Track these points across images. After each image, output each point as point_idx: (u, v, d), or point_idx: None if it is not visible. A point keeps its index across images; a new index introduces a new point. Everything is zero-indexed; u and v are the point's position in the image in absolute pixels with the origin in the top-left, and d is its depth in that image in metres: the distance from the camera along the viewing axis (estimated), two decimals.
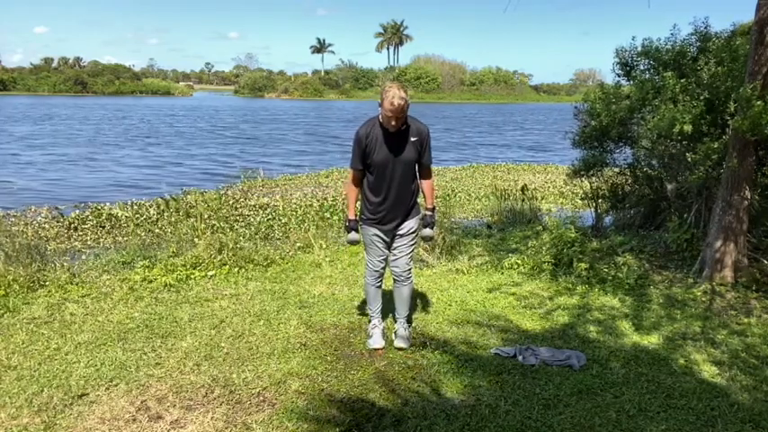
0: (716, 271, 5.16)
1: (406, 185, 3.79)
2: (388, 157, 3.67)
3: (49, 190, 13.21)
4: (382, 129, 3.64)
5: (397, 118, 3.52)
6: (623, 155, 7.10)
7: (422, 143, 3.73)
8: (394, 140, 3.65)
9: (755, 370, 3.66)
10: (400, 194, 3.79)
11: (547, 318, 4.53)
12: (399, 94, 3.46)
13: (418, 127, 3.72)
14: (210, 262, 5.61)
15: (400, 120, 3.55)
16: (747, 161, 4.95)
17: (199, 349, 3.83)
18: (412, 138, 3.69)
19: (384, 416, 3.05)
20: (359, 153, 3.72)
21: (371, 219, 3.84)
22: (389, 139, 3.65)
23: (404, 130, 3.66)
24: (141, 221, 8.50)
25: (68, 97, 70.20)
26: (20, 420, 2.97)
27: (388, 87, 3.52)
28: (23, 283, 4.90)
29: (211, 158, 19.94)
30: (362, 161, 3.73)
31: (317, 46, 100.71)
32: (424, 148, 3.75)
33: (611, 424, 3.03)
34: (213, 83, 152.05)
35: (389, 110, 3.48)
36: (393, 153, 3.67)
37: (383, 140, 3.65)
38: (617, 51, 6.77)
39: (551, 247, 5.69)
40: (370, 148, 3.68)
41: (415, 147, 3.71)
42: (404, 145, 3.68)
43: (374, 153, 3.68)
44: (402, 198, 3.81)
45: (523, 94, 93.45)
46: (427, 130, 3.77)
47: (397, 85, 3.55)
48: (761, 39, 4.69)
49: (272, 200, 10.67)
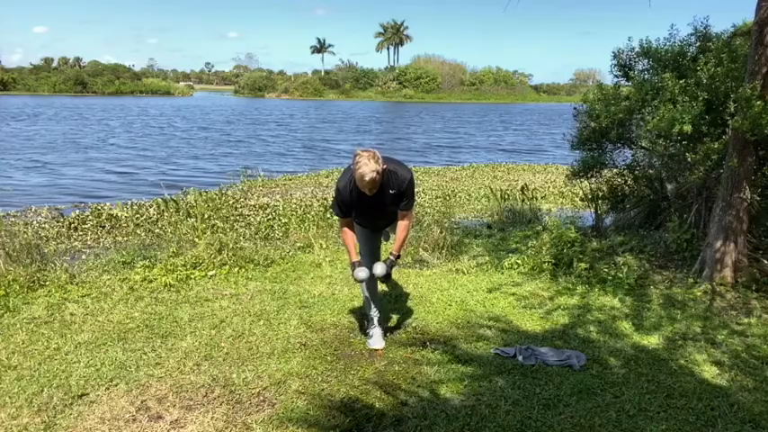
0: (716, 271, 5.16)
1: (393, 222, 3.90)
2: (369, 211, 3.69)
3: (42, 189, 13.16)
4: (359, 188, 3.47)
5: (370, 189, 3.40)
6: (622, 156, 7.10)
7: (402, 193, 3.58)
8: (373, 198, 3.53)
9: (756, 370, 3.67)
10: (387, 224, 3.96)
11: (547, 318, 4.53)
12: (370, 168, 3.27)
13: (398, 177, 3.53)
14: (210, 262, 5.61)
15: (374, 189, 3.42)
16: (747, 161, 4.95)
17: (199, 349, 3.83)
18: (391, 191, 3.54)
19: (384, 416, 3.05)
20: (341, 205, 3.63)
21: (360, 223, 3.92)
22: (368, 198, 3.52)
23: (381, 188, 3.49)
24: (141, 221, 8.49)
25: (68, 97, 70.18)
26: (20, 420, 2.97)
27: (358, 160, 3.30)
28: (23, 283, 4.90)
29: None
30: (348, 211, 3.67)
31: (316, 46, 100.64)
32: (403, 196, 3.60)
33: (611, 424, 3.03)
34: (213, 83, 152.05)
35: (360, 184, 3.37)
36: (373, 209, 3.66)
37: (362, 198, 3.53)
38: (615, 53, 6.76)
39: (551, 248, 5.70)
40: (350, 203, 3.59)
41: (396, 197, 3.59)
42: (383, 200, 3.57)
43: (355, 207, 3.63)
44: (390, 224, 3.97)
45: (523, 94, 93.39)
46: (408, 177, 3.57)
47: (367, 154, 3.31)
48: (761, 39, 4.69)
49: (272, 200, 10.68)
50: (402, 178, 3.54)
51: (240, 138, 26.96)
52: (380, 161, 3.36)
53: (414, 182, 3.65)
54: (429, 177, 14.42)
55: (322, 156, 21.10)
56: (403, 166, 3.61)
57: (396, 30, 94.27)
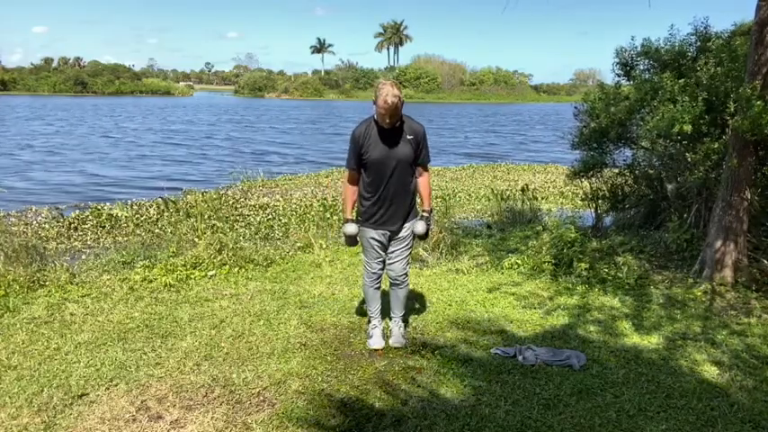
0: (716, 271, 5.16)
1: (404, 185, 3.75)
2: (383, 154, 3.66)
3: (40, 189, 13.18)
4: (378, 126, 3.63)
5: (392, 115, 3.51)
6: (622, 155, 7.11)
7: (418, 142, 3.71)
8: (389, 138, 3.64)
9: (755, 370, 3.67)
10: (397, 194, 3.74)
11: (547, 318, 4.53)
12: (393, 92, 3.44)
13: (413, 126, 3.71)
14: (210, 262, 5.61)
15: (395, 117, 3.54)
16: (747, 161, 4.95)
17: (199, 349, 3.83)
18: (408, 136, 3.67)
19: (384, 416, 3.05)
20: (355, 152, 3.71)
21: (369, 221, 3.83)
22: (385, 137, 3.64)
23: (399, 128, 3.64)
24: (141, 221, 8.51)
25: (68, 97, 70.16)
26: (20, 420, 2.97)
27: (381, 85, 3.51)
28: (23, 283, 4.90)
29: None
30: (358, 160, 3.72)
31: (316, 46, 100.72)
32: (420, 147, 3.73)
33: (611, 424, 3.02)
34: (213, 83, 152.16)
35: (383, 107, 3.47)
36: (389, 150, 3.66)
37: (379, 138, 3.64)
38: (617, 51, 6.77)
39: (551, 247, 5.70)
40: (366, 146, 3.66)
41: (411, 145, 3.69)
42: (399, 142, 3.67)
43: (370, 151, 3.66)
44: (399, 198, 3.76)
45: (523, 94, 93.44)
46: (423, 129, 3.76)
47: (390, 82, 3.53)
48: (761, 39, 4.69)
49: (272, 200, 10.68)
50: (417, 128, 3.72)
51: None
52: (401, 90, 3.53)
53: (427, 137, 3.81)
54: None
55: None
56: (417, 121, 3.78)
57: (395, 30, 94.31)
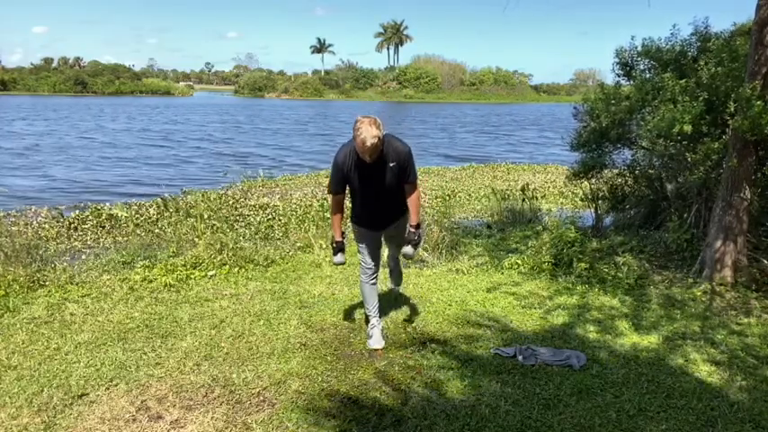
0: (716, 271, 5.16)
1: (393, 200, 3.73)
2: (367, 183, 3.59)
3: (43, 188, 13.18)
4: (359, 157, 3.45)
5: (371, 154, 3.36)
6: (622, 156, 7.10)
7: (401, 166, 3.55)
8: (372, 169, 3.50)
9: (755, 370, 3.67)
10: (387, 207, 3.76)
11: (547, 318, 4.53)
12: (372, 133, 3.26)
13: (396, 149, 3.52)
14: (210, 262, 5.61)
15: (374, 155, 3.38)
16: (747, 161, 4.95)
17: (199, 349, 3.83)
18: (390, 163, 3.51)
19: (384, 416, 3.05)
20: (337, 178, 3.59)
21: (359, 223, 3.84)
22: (367, 169, 3.49)
23: (381, 157, 3.46)
24: (141, 221, 8.50)
25: (68, 97, 70.14)
26: (20, 420, 2.97)
27: (359, 125, 3.30)
28: (23, 283, 4.90)
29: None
30: (342, 185, 3.63)
31: (316, 46, 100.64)
32: (405, 170, 3.57)
33: (611, 424, 3.03)
34: (213, 83, 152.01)
35: (361, 149, 3.33)
36: (373, 181, 3.57)
37: (361, 170, 3.51)
38: (617, 51, 6.77)
39: (551, 247, 5.70)
40: (349, 176, 3.56)
41: (395, 171, 3.54)
42: (383, 172, 3.53)
43: (353, 180, 3.58)
44: (390, 209, 3.78)
45: (523, 94, 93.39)
46: (407, 150, 3.56)
47: (369, 120, 3.32)
48: (761, 39, 4.69)
49: (272, 200, 10.68)
50: (401, 150, 3.54)
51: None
52: (381, 127, 3.35)
53: (412, 155, 3.62)
54: (429, 177, 14.42)
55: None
56: (401, 140, 3.62)
57: (396, 30, 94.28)
